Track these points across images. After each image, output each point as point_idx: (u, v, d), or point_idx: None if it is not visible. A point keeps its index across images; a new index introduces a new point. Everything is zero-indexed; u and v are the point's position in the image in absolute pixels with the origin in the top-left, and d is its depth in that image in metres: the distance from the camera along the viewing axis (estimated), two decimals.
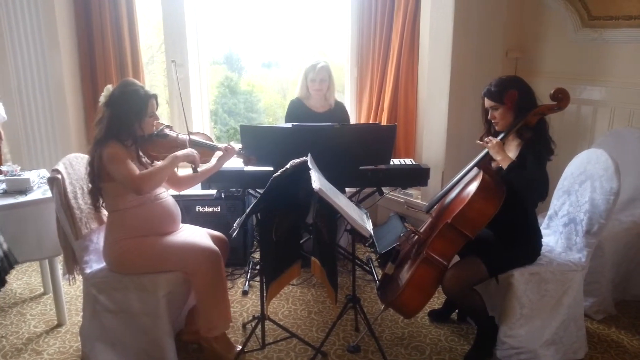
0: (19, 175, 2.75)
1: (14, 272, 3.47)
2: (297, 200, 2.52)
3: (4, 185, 2.73)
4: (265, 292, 2.43)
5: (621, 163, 2.96)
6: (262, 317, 2.54)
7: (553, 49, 3.61)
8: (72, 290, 3.24)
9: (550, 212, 2.83)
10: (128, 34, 3.89)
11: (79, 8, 3.85)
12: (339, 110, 3.62)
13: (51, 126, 3.89)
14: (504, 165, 2.32)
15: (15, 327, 2.89)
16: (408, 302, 2.41)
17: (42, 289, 3.28)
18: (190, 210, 3.49)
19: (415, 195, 3.84)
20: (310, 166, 2.34)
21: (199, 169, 2.60)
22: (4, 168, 2.83)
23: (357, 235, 2.34)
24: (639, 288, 3.04)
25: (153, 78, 5.06)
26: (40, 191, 2.75)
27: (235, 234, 2.31)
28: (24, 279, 3.46)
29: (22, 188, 2.70)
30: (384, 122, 3.88)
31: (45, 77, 3.79)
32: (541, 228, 2.86)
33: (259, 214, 2.36)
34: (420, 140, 3.85)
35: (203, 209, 3.51)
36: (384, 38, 3.84)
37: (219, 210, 3.50)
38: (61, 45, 3.78)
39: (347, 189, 3.46)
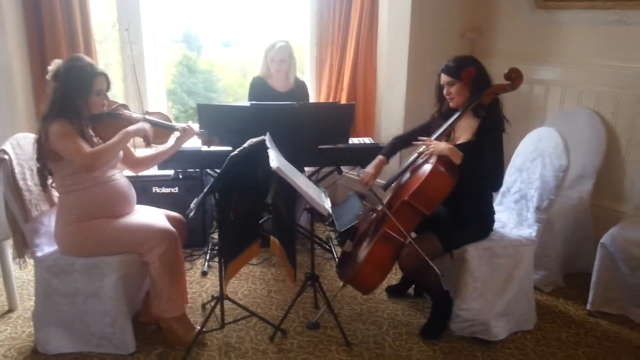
0: None
1: None
2: (255, 180, 2.52)
3: None
4: (224, 272, 2.43)
5: (570, 141, 3.05)
6: (221, 297, 2.53)
7: (508, 30, 3.67)
8: (24, 274, 3.15)
9: (502, 189, 2.90)
10: (79, 11, 3.74)
11: None
12: (300, 89, 3.60)
13: None
14: (457, 160, 2.36)
15: None
16: (366, 279, 2.45)
17: None
18: (147, 191, 3.42)
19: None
20: (268, 145, 2.33)
21: (153, 147, 2.54)
22: None
23: (316, 214, 2.35)
24: (585, 261, 3.15)
25: (107, 56, 4.89)
26: None
27: (192, 214, 2.29)
28: None
29: None
30: (343, 102, 3.88)
31: None
32: (494, 204, 2.96)
33: (216, 194, 2.33)
34: (379, 120, 3.88)
35: (160, 190, 3.45)
36: (343, 17, 3.83)
37: (177, 191, 3.45)
38: (7, 24, 3.60)
39: (306, 168, 3.48)
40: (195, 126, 2.80)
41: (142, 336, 2.58)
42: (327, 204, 2.35)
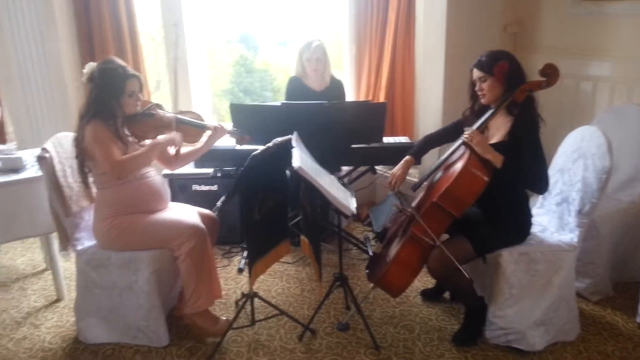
0: (13, 154, 2.79)
1: (18, 248, 3.60)
2: (282, 180, 2.53)
3: None
4: (250, 270, 2.45)
5: (621, 141, 2.90)
6: (250, 295, 2.56)
7: (552, 23, 3.50)
8: (72, 266, 3.30)
9: None
10: (125, 13, 3.87)
11: None
12: (336, 88, 3.59)
13: (52, 105, 3.93)
14: (498, 164, 2.25)
15: (17, 301, 2.97)
16: (393, 281, 2.40)
17: (44, 265, 3.36)
18: (186, 189, 3.51)
19: (414, 174, 3.79)
20: (294, 145, 2.33)
21: (182, 151, 2.60)
22: (0, 147, 2.87)
23: (341, 213, 2.33)
24: (637, 269, 2.97)
25: (155, 57, 5.05)
26: (34, 169, 2.79)
27: (217, 213, 2.32)
28: (28, 255, 3.55)
29: (14, 167, 2.75)
30: (381, 100, 3.83)
31: (45, 59, 3.81)
32: (535, 207, 2.83)
33: (240, 194, 2.35)
34: (418, 118, 3.80)
35: (200, 188, 3.53)
36: (380, 14, 3.78)
37: (216, 189, 3.51)
38: (59, 28, 3.79)
39: (343, 168, 3.46)
40: (229, 125, 2.84)
41: (176, 330, 2.66)
42: (352, 205, 2.31)
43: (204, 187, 3.53)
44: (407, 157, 2.67)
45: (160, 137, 2.49)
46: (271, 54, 6.04)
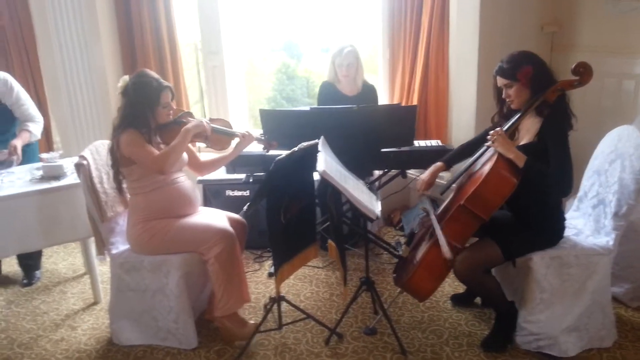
0: (55, 162, 2.92)
1: (60, 252, 3.76)
2: (310, 184, 2.55)
3: (41, 172, 2.92)
4: (277, 274, 2.47)
5: None
6: (277, 298, 2.58)
7: (590, 22, 3.37)
8: (109, 270, 3.42)
9: (580, 193, 2.68)
10: (165, 24, 4.01)
11: (119, 4, 4.00)
12: (368, 93, 3.58)
13: (96, 115, 4.09)
14: (520, 163, 2.20)
15: (57, 304, 3.10)
16: (419, 285, 2.37)
17: (84, 269, 3.49)
18: (220, 195, 3.59)
19: (446, 178, 3.74)
20: (320, 149, 2.35)
21: (209, 159, 2.66)
22: (44, 156, 3.01)
23: (366, 217, 2.32)
24: None
25: (196, 69, 5.17)
26: (74, 177, 2.90)
27: (244, 216, 2.35)
28: (69, 259, 3.70)
29: (56, 174, 2.88)
30: (415, 104, 3.80)
31: (89, 70, 3.97)
32: (571, 210, 2.75)
33: (266, 198, 2.38)
34: (451, 121, 3.75)
35: (233, 193, 3.59)
36: (414, 17, 3.75)
37: (249, 194, 3.57)
38: (102, 40, 3.95)
39: (375, 172, 3.45)
40: (258, 132, 2.88)
41: (206, 332, 2.71)
42: (377, 209, 2.31)
43: (237, 193, 3.59)
44: (438, 163, 2.63)
45: (189, 124, 2.55)
46: (314, 61, 6.09)
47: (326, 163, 2.21)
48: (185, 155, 2.66)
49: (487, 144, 2.32)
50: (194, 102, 4.46)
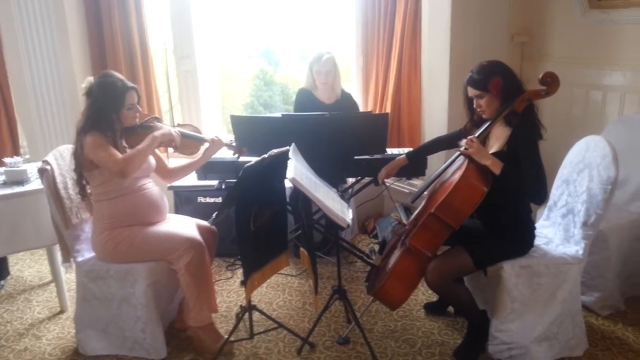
0: (18, 167, 2.83)
1: (26, 259, 3.65)
2: (277, 191, 2.52)
3: (3, 177, 2.83)
4: (247, 282, 2.43)
5: (631, 151, 2.83)
6: (248, 308, 2.54)
7: (560, 32, 3.43)
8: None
9: (550, 202, 2.70)
10: (137, 27, 3.94)
11: (89, 7, 3.92)
12: (346, 101, 3.57)
13: (64, 119, 3.99)
14: (496, 170, 2.19)
15: (21, 312, 3.00)
16: (391, 294, 2.35)
17: (50, 277, 3.39)
18: (192, 201, 3.53)
19: (417, 185, 3.75)
20: (291, 156, 2.32)
21: (176, 165, 2.60)
22: (6, 160, 2.92)
23: (337, 225, 2.29)
24: None
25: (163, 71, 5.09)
26: (38, 182, 2.82)
27: (213, 224, 2.31)
28: (35, 267, 3.59)
29: (19, 179, 2.79)
30: (388, 111, 3.80)
31: (58, 74, 3.88)
32: (541, 219, 2.77)
33: (234, 205, 2.34)
34: (424, 129, 3.76)
35: (205, 200, 3.54)
36: (387, 25, 3.76)
37: (221, 200, 3.51)
38: (71, 43, 3.87)
39: (349, 180, 3.44)
40: (228, 137, 2.84)
41: (176, 342, 2.65)
42: (349, 217, 2.28)
43: (209, 199, 3.54)
44: (401, 156, 2.72)
45: (157, 132, 2.49)
46: (291, 67, 6.09)
47: (296, 170, 2.19)
48: (152, 161, 2.60)
49: (460, 149, 2.31)
50: (167, 107, 4.39)
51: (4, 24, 3.88)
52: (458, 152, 2.36)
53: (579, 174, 2.47)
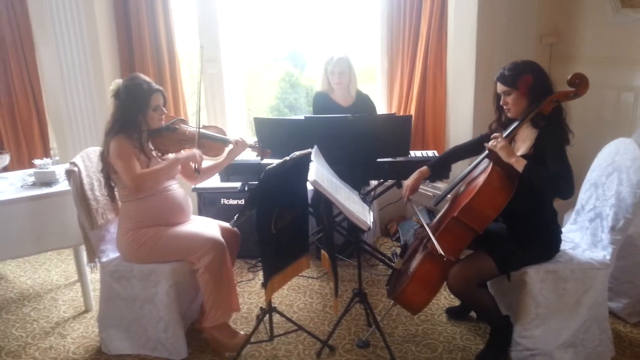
0: (47, 169, 2.90)
1: (54, 259, 3.73)
2: (302, 193, 2.51)
3: (33, 178, 2.90)
4: (267, 285, 2.43)
5: None
6: (268, 310, 2.54)
7: (590, 33, 3.35)
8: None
9: (577, 206, 2.64)
10: (164, 31, 4.00)
11: (119, 12, 4.00)
12: (362, 102, 3.55)
13: (94, 122, 4.06)
14: (519, 168, 2.15)
15: (47, 312, 3.06)
16: (412, 298, 2.33)
17: (77, 277, 3.45)
18: (215, 203, 3.55)
19: (442, 188, 3.70)
20: (313, 158, 2.32)
21: (202, 166, 2.62)
22: (36, 161, 2.99)
23: (358, 228, 2.28)
24: None
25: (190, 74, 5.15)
26: (66, 183, 2.88)
27: (235, 226, 2.32)
28: (62, 266, 3.67)
29: (48, 180, 2.85)
30: (412, 113, 3.77)
31: (88, 77, 3.96)
32: (568, 223, 2.70)
33: (256, 208, 2.34)
34: (449, 132, 3.72)
35: (228, 202, 3.56)
36: (413, 27, 3.73)
37: (244, 202, 3.53)
38: (101, 47, 3.94)
39: (372, 182, 3.42)
40: (251, 139, 2.86)
41: (197, 343, 2.67)
42: (369, 219, 2.27)
43: (232, 201, 3.56)
44: (422, 168, 2.60)
45: (181, 153, 2.53)
46: (318, 70, 6.09)
47: (317, 172, 2.18)
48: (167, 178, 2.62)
49: (487, 144, 2.28)
50: (194, 109, 4.44)
51: (37, 28, 4.00)
52: (484, 155, 2.33)
53: (607, 177, 2.41)
